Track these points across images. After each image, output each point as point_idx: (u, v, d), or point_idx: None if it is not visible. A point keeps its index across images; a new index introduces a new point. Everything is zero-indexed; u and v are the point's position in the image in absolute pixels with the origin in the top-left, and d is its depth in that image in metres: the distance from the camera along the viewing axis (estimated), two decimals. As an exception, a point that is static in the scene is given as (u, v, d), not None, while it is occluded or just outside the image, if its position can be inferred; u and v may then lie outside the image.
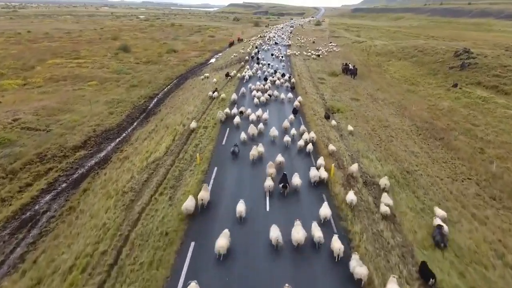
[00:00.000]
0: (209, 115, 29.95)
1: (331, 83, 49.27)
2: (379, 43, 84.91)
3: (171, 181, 18.55)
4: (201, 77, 51.96)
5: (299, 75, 51.06)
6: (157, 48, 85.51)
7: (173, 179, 18.81)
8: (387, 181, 19.56)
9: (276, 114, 33.35)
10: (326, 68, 61.71)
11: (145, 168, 20.61)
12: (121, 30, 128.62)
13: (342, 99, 41.61)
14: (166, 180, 18.67)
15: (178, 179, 18.83)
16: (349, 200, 17.08)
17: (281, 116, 32.55)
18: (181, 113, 31.60)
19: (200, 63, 69.41)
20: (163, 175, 19.39)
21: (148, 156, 22.40)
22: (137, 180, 19.16)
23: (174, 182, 18.42)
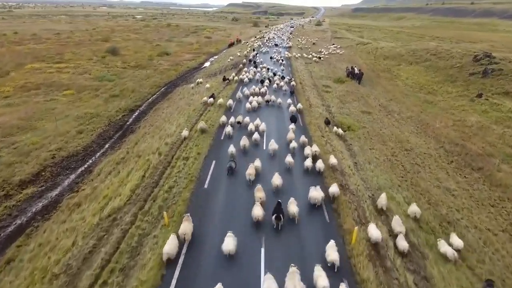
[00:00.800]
0: (194, 140, 24.17)
1: (338, 92, 43.51)
2: (385, 44, 79.16)
3: (123, 257, 12.78)
4: (191, 84, 46.24)
5: (301, 82, 45.33)
6: (149, 50, 79.68)
7: (127, 252, 13.03)
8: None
9: (274, 122, 29.29)
10: (331, 73, 55.93)
11: (95, 227, 14.86)
12: (113, 31, 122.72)
13: (352, 112, 35.85)
14: (117, 255, 12.90)
15: (134, 253, 13.05)
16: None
17: (280, 125, 28.86)
18: (159, 135, 25.82)
19: (193, 67, 63.59)
20: (115, 243, 13.62)
21: (104, 204, 16.66)
22: (79, 250, 13.42)
23: (127, 260, 12.64)
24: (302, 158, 21.68)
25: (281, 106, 33.95)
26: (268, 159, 21.85)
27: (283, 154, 21.82)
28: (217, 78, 47.01)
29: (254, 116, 29.09)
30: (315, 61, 65.12)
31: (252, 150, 22.82)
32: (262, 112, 31.87)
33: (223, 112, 30.53)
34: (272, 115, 31.30)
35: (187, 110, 31.77)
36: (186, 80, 51.92)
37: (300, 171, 20.55)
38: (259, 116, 29.19)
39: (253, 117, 28.42)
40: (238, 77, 46.58)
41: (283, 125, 28.74)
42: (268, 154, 22.40)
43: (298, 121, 29.63)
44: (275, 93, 38.55)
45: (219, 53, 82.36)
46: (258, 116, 29.05)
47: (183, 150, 22.31)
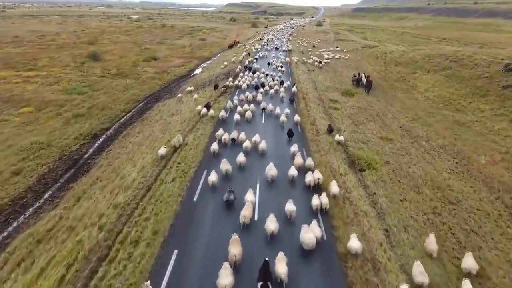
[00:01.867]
0: (158, 193, 16.88)
1: (348, 109, 36.20)
2: (394, 48, 71.73)
3: None
4: (176, 97, 39.03)
5: (304, 96, 38.01)
6: (135, 55, 72.25)
7: None
8: None
9: (271, 137, 25.61)
10: (337, 82, 48.61)
11: None
12: (103, 32, 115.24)
13: (369, 138, 28.55)
14: None
15: None
16: None
17: (278, 141, 25.31)
18: (112, 187, 18.49)
19: (182, 75, 56.16)
20: None
21: None
22: None
23: None
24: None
25: (278, 116, 29.79)
26: (265, 187, 18.39)
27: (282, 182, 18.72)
28: (205, 91, 39.63)
29: (248, 129, 25.82)
30: (318, 67, 57.77)
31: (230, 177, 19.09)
32: (257, 123, 28.59)
33: (209, 134, 23.73)
34: (269, 129, 27.80)
35: (159, 142, 24.39)
36: (171, 92, 44.54)
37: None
38: (255, 129, 26.02)
39: (248, 131, 25.00)
40: (234, 83, 41.32)
41: (281, 141, 25.43)
42: (265, 181, 18.87)
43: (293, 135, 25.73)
44: (272, 99, 35.35)
45: (213, 58, 74.90)
46: (253, 129, 25.95)
47: (139, 216, 14.98)
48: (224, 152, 22.41)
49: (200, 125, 26.56)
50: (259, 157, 22.08)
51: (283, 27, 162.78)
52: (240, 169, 20.14)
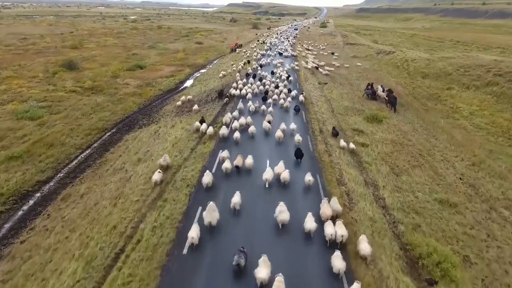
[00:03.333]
0: None
1: (379, 144, 26.80)
2: (415, 55, 62.16)
3: None
4: (151, 127, 29.74)
5: (321, 127, 28.42)
6: (120, 62, 62.90)
7: None
8: None
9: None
10: (356, 100, 39.22)
11: None
12: (92, 35, 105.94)
13: (422, 202, 19.16)
14: None
15: None
16: None
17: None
18: None
19: (169, 89, 46.72)
20: None
21: None
22: None
23: None
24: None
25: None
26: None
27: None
28: (191, 117, 30.16)
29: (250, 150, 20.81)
30: (329, 76, 48.37)
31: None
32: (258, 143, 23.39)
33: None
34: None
35: (101, 225, 15.02)
36: (150, 115, 35.09)
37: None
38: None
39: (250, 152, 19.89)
40: (237, 91, 35.58)
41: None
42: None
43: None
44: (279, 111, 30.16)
45: (209, 65, 65.53)
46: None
47: None
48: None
49: (170, 192, 17.09)
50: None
51: (287, 28, 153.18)
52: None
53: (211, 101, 34.75)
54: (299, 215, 14.81)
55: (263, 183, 17.54)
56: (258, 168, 19.22)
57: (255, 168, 19.17)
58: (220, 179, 18.07)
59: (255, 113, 29.46)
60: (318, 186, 18.43)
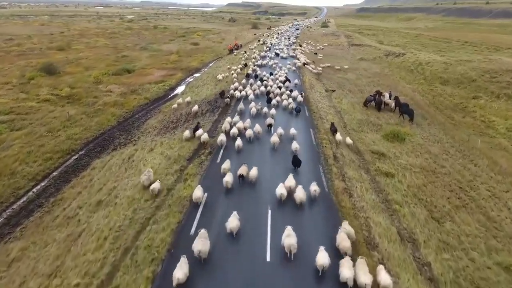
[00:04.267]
0: None
1: (407, 173, 21.36)
2: (429, 58, 56.63)
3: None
4: (126, 150, 24.22)
5: (335, 153, 22.86)
6: (107, 65, 57.38)
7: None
8: None
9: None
10: (370, 112, 33.76)
11: None
12: (83, 35, 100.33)
13: (481, 271, 13.79)
14: None
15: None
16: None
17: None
18: None
19: (156, 97, 41.12)
20: None
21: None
22: None
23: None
24: None
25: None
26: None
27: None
28: (174, 137, 24.63)
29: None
30: (337, 80, 42.99)
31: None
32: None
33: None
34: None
35: None
36: (129, 132, 29.51)
37: None
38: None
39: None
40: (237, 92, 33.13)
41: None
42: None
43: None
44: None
45: (204, 68, 59.96)
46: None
47: None
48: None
49: (125, 274, 11.58)
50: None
51: (288, 28, 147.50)
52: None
53: (201, 115, 29.19)
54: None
55: (266, 206, 15.05)
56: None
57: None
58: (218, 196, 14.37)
59: (257, 115, 27.36)
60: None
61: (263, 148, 21.86)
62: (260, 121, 25.09)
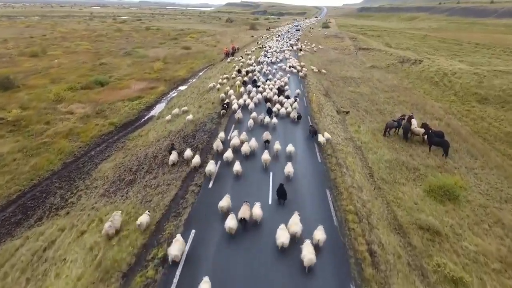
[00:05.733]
0: None
1: (483, 274, 13.16)
2: (453, 66, 48.17)
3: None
4: (57, 221, 15.95)
5: (360, 222, 14.68)
6: (79, 76, 48.98)
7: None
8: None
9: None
10: (398, 145, 25.53)
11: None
12: (66, 39, 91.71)
13: None
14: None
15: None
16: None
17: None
18: None
19: (125, 122, 32.46)
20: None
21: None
22: None
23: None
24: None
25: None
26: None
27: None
28: (127, 199, 16.37)
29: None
30: (347, 94, 34.70)
31: None
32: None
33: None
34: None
35: None
36: (73, 183, 21.12)
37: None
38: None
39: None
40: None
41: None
42: None
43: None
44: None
45: (192, 79, 51.58)
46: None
47: None
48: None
49: None
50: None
51: (288, 29, 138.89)
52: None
53: (179, 164, 20.72)
54: None
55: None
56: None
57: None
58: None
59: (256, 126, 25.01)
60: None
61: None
62: (258, 132, 22.55)
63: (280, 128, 25.55)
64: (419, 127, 27.63)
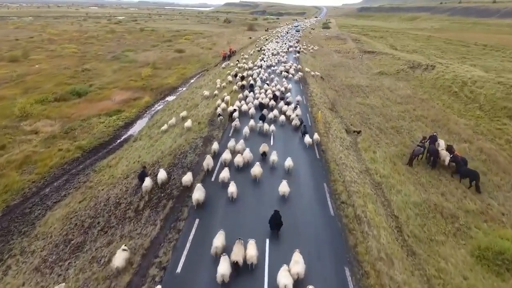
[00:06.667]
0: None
1: None
2: (471, 73, 43.00)
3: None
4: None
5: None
6: (57, 84, 43.91)
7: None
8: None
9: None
10: (425, 179, 20.51)
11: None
12: (53, 41, 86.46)
13: None
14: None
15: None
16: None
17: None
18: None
19: (95, 145, 26.92)
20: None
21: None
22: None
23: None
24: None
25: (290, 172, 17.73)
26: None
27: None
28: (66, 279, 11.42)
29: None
30: (356, 106, 29.73)
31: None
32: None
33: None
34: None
35: None
36: (10, 239, 16.10)
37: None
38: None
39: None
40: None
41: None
42: None
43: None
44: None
45: (182, 87, 46.52)
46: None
47: None
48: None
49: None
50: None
51: (287, 29, 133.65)
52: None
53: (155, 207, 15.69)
54: None
55: None
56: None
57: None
58: None
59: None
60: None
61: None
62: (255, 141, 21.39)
63: (279, 138, 23.51)
64: (445, 149, 22.92)
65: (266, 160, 19.26)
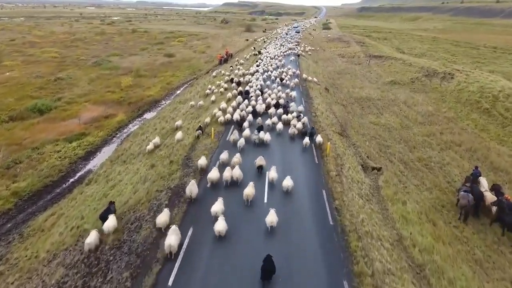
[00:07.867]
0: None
1: None
2: (501, 84, 36.96)
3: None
4: None
5: None
6: (20, 98, 37.63)
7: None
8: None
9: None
10: (483, 256, 14.32)
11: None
12: (35, 44, 79.97)
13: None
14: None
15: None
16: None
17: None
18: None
19: (36, 190, 20.27)
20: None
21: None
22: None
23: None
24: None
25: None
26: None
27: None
28: None
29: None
30: (369, 128, 23.68)
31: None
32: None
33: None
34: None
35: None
36: None
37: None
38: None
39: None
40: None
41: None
42: None
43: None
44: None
45: (166, 100, 40.22)
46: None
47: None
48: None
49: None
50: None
51: (287, 30, 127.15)
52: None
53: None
54: None
55: None
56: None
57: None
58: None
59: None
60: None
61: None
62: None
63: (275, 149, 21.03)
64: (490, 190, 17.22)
65: (262, 174, 17.41)
